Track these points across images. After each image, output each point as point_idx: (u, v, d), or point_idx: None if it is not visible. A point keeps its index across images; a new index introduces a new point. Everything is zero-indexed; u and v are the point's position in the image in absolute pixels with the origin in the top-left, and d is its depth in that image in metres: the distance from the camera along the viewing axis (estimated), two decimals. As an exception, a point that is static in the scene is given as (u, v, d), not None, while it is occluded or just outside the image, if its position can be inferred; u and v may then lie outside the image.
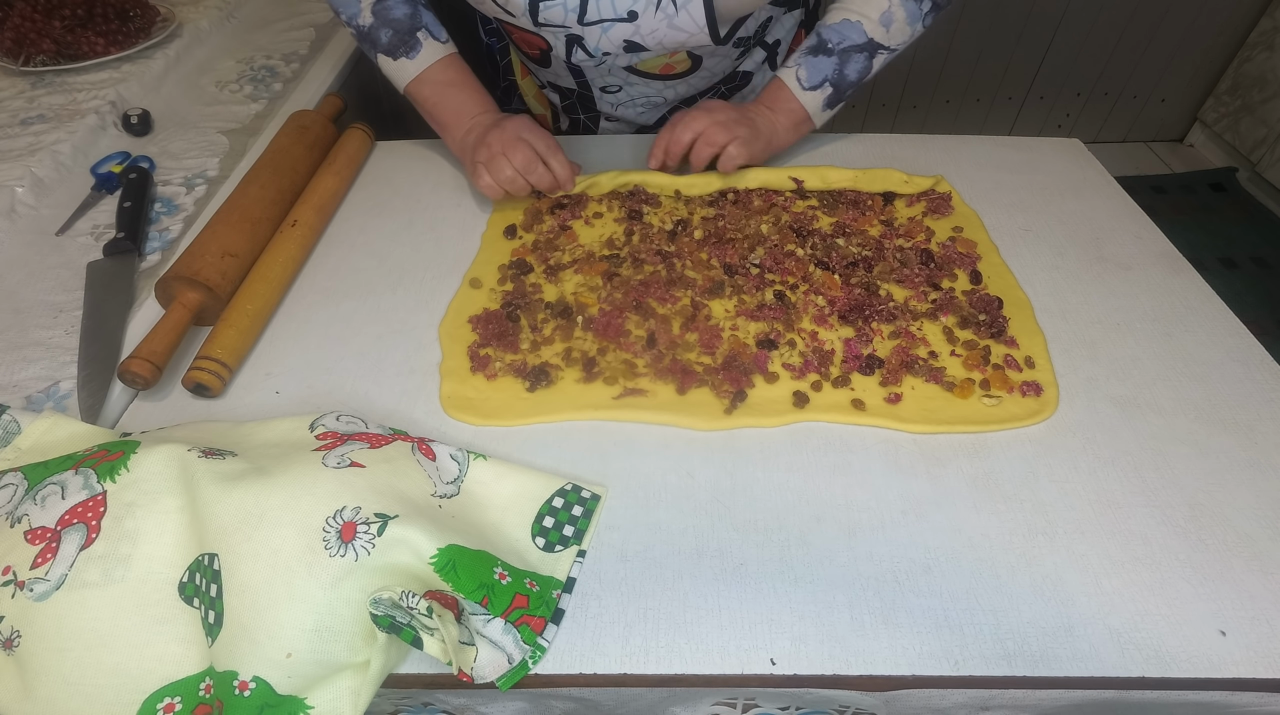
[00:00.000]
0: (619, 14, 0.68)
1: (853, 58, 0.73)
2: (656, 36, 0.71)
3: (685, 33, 0.70)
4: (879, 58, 0.74)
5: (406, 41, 0.74)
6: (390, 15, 0.74)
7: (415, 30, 0.74)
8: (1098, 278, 0.68)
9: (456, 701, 0.46)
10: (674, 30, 0.70)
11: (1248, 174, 2.24)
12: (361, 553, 0.42)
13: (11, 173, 0.79)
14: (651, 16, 0.68)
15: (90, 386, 0.58)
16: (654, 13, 0.68)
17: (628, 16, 0.69)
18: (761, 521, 0.50)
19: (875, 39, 0.72)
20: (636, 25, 0.69)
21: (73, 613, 0.41)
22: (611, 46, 0.73)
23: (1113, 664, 0.43)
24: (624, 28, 0.70)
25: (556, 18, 0.69)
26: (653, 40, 0.72)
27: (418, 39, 0.74)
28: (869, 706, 0.45)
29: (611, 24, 0.69)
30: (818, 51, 0.74)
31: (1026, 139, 0.87)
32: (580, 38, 0.72)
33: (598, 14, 0.69)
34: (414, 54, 0.74)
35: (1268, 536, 0.49)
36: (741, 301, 0.65)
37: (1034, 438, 0.55)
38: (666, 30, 0.70)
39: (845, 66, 0.73)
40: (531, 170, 0.70)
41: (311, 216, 0.72)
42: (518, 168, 0.70)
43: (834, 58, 0.73)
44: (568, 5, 0.68)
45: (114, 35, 0.98)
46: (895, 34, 0.72)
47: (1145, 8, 2.16)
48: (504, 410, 0.57)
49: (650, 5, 0.67)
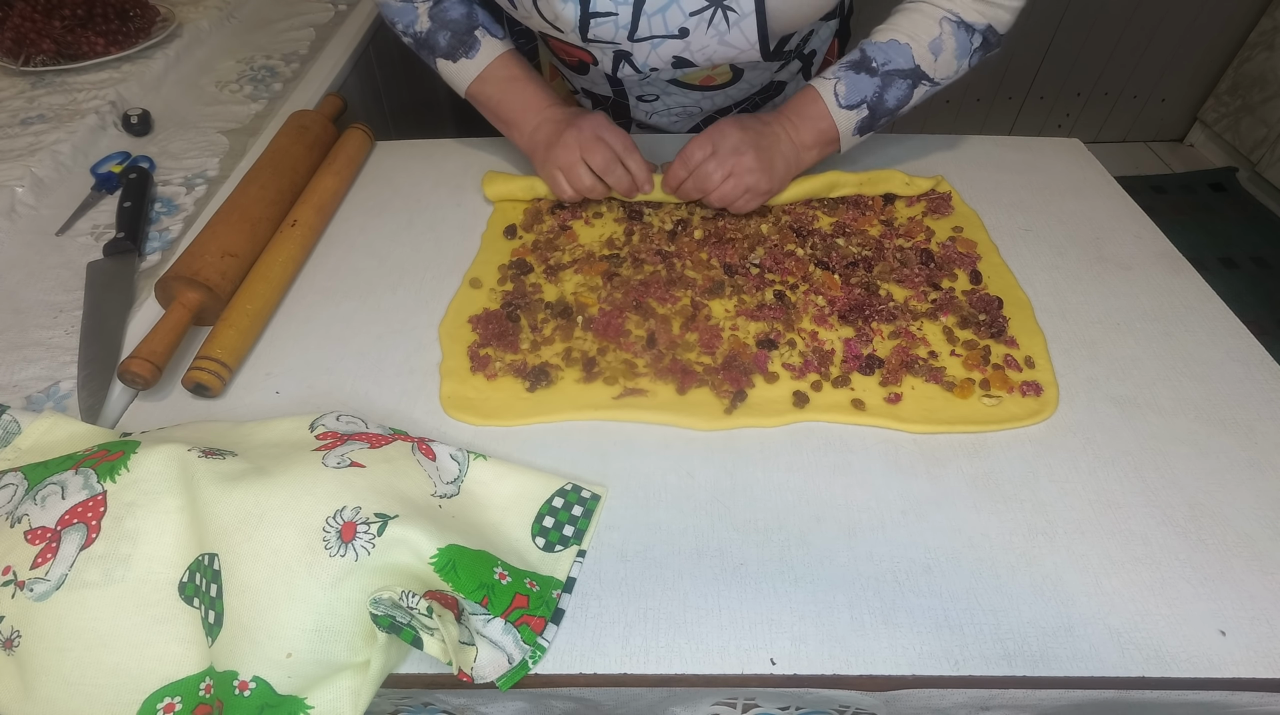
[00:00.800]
0: (670, 31, 0.66)
1: (895, 83, 0.69)
2: (706, 53, 0.69)
3: (736, 49, 0.68)
4: (921, 88, 0.70)
5: (465, 41, 0.73)
6: (447, 17, 0.73)
7: (473, 29, 0.73)
8: (1098, 278, 0.68)
9: (456, 701, 0.46)
10: (724, 46, 0.68)
11: (1248, 174, 2.24)
12: (361, 553, 0.42)
13: (11, 173, 0.79)
14: (703, 33, 0.66)
15: (90, 386, 0.58)
16: (706, 29, 0.66)
17: (679, 33, 0.67)
18: (761, 521, 0.50)
19: (922, 67, 0.68)
20: (687, 42, 0.67)
21: (73, 613, 0.41)
22: (660, 63, 0.71)
23: (1113, 664, 0.43)
24: (674, 44, 0.68)
25: (606, 34, 0.67)
26: (702, 56, 0.69)
27: (475, 38, 0.73)
28: (869, 706, 0.45)
29: (662, 40, 0.68)
30: (860, 68, 0.69)
31: (1026, 139, 0.87)
32: (629, 53, 0.70)
33: (649, 31, 0.67)
34: (473, 53, 0.73)
35: (1268, 536, 0.49)
36: (741, 301, 0.65)
37: (1034, 438, 0.55)
38: (717, 47, 0.68)
39: (886, 91, 0.69)
40: (610, 172, 0.69)
41: (311, 216, 0.72)
42: (596, 169, 0.69)
43: (877, 78, 0.69)
44: (618, 22, 0.66)
45: (114, 35, 0.98)
46: (942, 66, 0.69)
47: (1145, 8, 2.16)
48: (504, 410, 0.57)
49: (702, 22, 0.65)
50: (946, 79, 0.71)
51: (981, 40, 0.69)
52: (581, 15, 0.65)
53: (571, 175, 0.69)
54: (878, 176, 0.76)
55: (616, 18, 0.65)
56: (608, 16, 0.65)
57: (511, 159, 0.84)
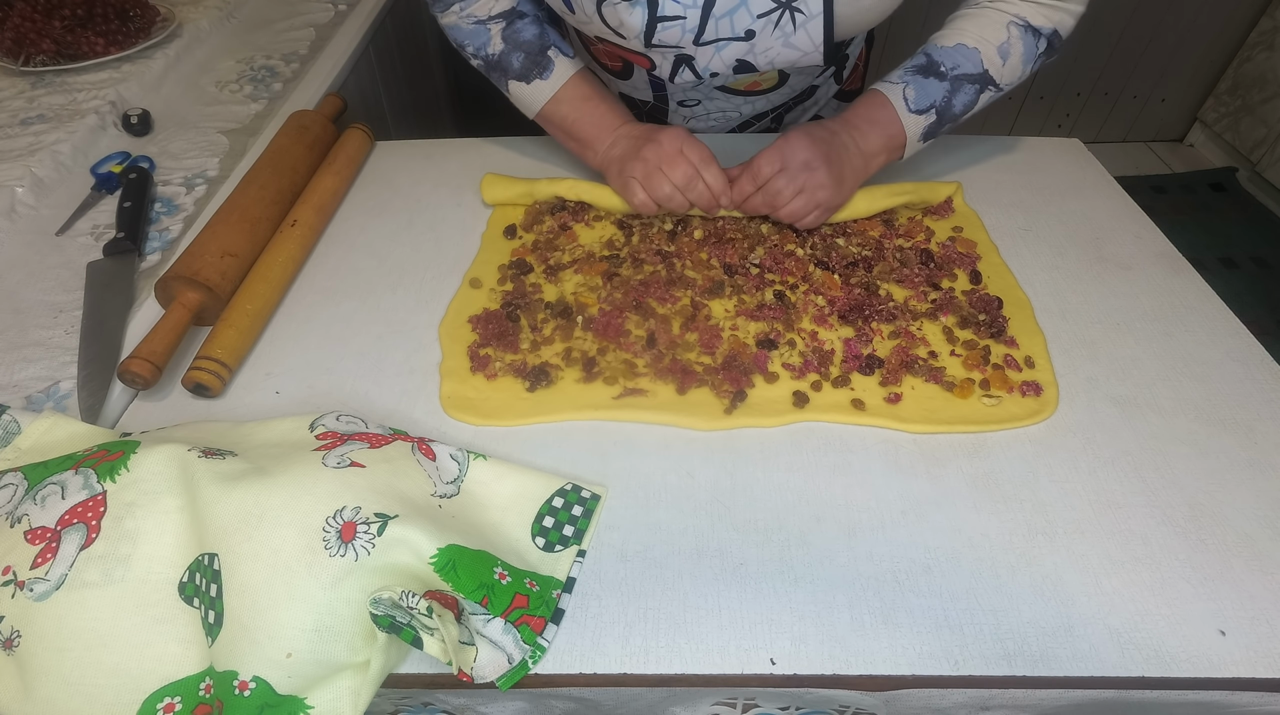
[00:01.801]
0: (736, 33, 0.65)
1: (964, 88, 0.68)
2: (769, 55, 0.67)
3: (799, 51, 0.67)
4: (987, 93, 0.69)
5: (539, 63, 0.72)
6: (520, 38, 0.72)
7: (545, 50, 0.72)
8: (1098, 278, 0.68)
9: (456, 701, 0.46)
10: (789, 49, 0.66)
11: (1248, 174, 2.24)
12: (361, 553, 0.42)
13: (11, 173, 0.79)
14: (769, 35, 0.65)
15: (90, 386, 0.58)
16: (772, 31, 0.65)
17: (745, 36, 0.65)
18: (761, 521, 0.50)
19: (990, 72, 0.68)
20: (752, 44, 0.66)
21: (73, 613, 0.41)
22: (722, 66, 0.69)
23: (1113, 664, 0.43)
24: (739, 47, 0.67)
25: (672, 39, 0.66)
26: (765, 59, 0.68)
27: (549, 58, 0.72)
28: (869, 706, 0.45)
29: (727, 43, 0.66)
30: (928, 73, 0.68)
31: (1026, 139, 0.87)
32: (691, 58, 0.69)
33: (715, 34, 0.65)
34: (547, 74, 0.72)
35: (1268, 536, 0.49)
36: (741, 301, 0.65)
37: (1034, 438, 0.55)
38: (781, 49, 0.67)
39: (955, 95, 0.68)
40: (691, 187, 0.67)
41: (311, 216, 0.72)
42: (677, 184, 0.67)
43: (946, 83, 0.68)
44: (685, 26, 0.65)
45: (114, 35, 0.98)
46: (1009, 71, 0.68)
47: (1145, 8, 2.16)
48: (504, 410, 0.57)
49: (769, 24, 0.64)
50: (1010, 84, 0.70)
51: (1046, 45, 0.68)
52: (649, 20, 0.64)
53: (650, 184, 0.67)
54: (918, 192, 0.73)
55: (684, 21, 0.64)
56: (675, 20, 0.64)
57: (511, 159, 0.84)
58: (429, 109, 1.48)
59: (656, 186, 0.67)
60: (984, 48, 0.67)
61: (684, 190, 0.67)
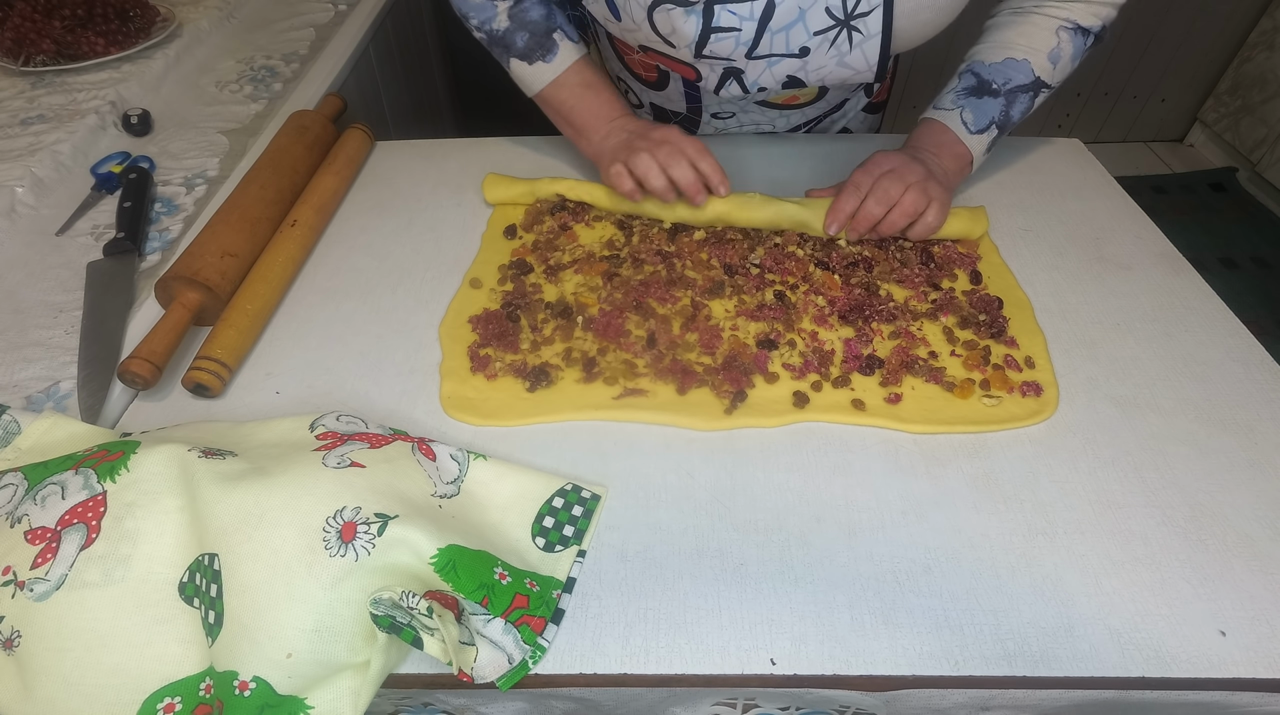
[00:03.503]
0: (791, 49, 0.64)
1: (1019, 98, 0.69)
2: (822, 73, 0.67)
3: (852, 70, 0.66)
4: (1042, 95, 0.70)
5: (543, 44, 0.71)
6: (527, 17, 0.71)
7: (551, 32, 0.71)
8: (1098, 278, 0.68)
9: (456, 701, 0.46)
10: (842, 68, 0.66)
11: (1248, 174, 2.24)
12: (361, 553, 0.42)
13: (11, 173, 0.79)
14: (824, 53, 0.65)
15: (90, 386, 0.58)
16: (827, 49, 0.64)
17: (799, 52, 0.65)
18: (761, 521, 0.50)
19: (1042, 78, 0.69)
20: (805, 62, 0.66)
21: (73, 613, 0.41)
22: (772, 82, 0.69)
23: (1113, 664, 0.43)
24: (791, 63, 0.66)
25: (724, 51, 0.65)
26: (816, 77, 0.67)
27: (554, 40, 0.71)
28: (869, 706, 0.45)
29: (780, 59, 0.66)
30: (981, 93, 0.69)
31: (1026, 139, 0.87)
32: (741, 71, 0.68)
33: (769, 49, 0.65)
34: (551, 57, 0.71)
35: (1268, 537, 0.49)
36: (741, 301, 0.65)
37: (1034, 438, 0.55)
38: (834, 68, 0.66)
39: (1011, 108, 0.69)
40: (674, 165, 0.65)
41: (311, 216, 0.72)
42: (661, 162, 0.65)
43: (1000, 99, 0.68)
44: (740, 39, 0.64)
45: (114, 35, 0.98)
46: (1060, 72, 0.69)
47: (1145, 8, 2.16)
48: (504, 410, 0.57)
49: (825, 42, 0.63)
50: (1061, 81, 0.71)
51: (1094, 39, 0.69)
52: (703, 30, 0.63)
53: (632, 160, 0.65)
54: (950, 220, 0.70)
55: (739, 34, 0.63)
56: (730, 32, 0.63)
57: (512, 159, 0.84)
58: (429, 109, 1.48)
59: (636, 162, 0.66)
60: (1034, 57, 0.68)
61: (666, 167, 0.65)
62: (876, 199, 0.66)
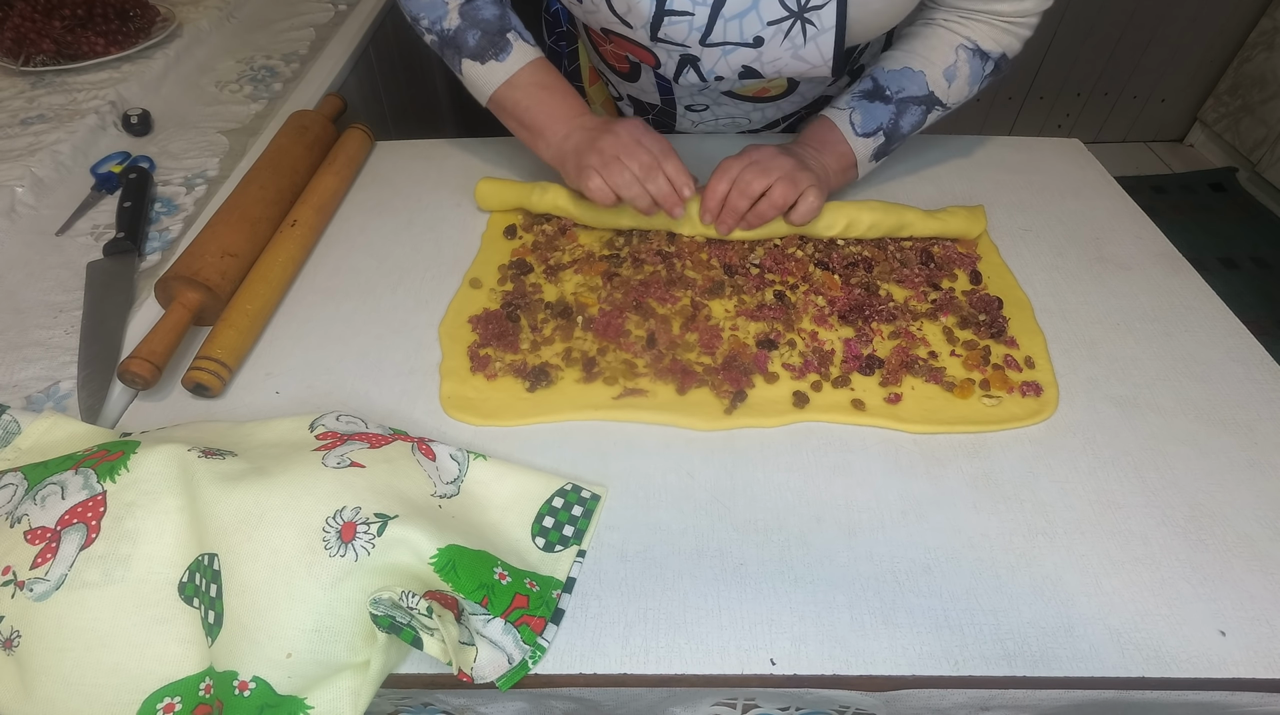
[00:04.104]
0: (745, 38, 0.64)
1: (910, 109, 0.69)
2: (777, 65, 0.66)
3: (807, 64, 0.66)
4: (934, 113, 0.70)
5: (496, 43, 0.69)
6: (479, 16, 0.69)
7: (505, 31, 0.69)
8: (1098, 278, 0.68)
9: (456, 701, 0.46)
10: (797, 60, 0.65)
11: (1248, 174, 2.24)
12: (361, 553, 0.42)
13: (11, 173, 0.79)
14: (778, 45, 0.64)
15: (90, 386, 0.58)
16: (781, 40, 0.64)
17: (753, 42, 0.64)
18: (761, 521, 0.50)
19: (936, 94, 0.68)
20: (760, 52, 0.65)
21: (72, 613, 0.41)
22: (727, 71, 0.68)
23: (1113, 664, 0.43)
24: (746, 53, 0.65)
25: (678, 35, 0.65)
26: (772, 69, 0.67)
27: (508, 40, 0.69)
28: (869, 706, 0.45)
29: (735, 48, 0.65)
30: (874, 97, 0.69)
31: (1026, 139, 0.87)
32: (696, 59, 0.68)
33: (723, 36, 0.64)
34: (504, 56, 0.69)
35: (1268, 537, 0.49)
36: (741, 301, 0.65)
37: (1034, 438, 0.55)
38: (789, 60, 0.65)
39: (901, 117, 0.69)
40: (651, 177, 0.64)
41: (311, 216, 0.72)
42: (636, 173, 0.64)
43: (891, 106, 0.68)
44: (693, 24, 0.63)
45: (114, 35, 0.98)
46: (955, 92, 0.69)
47: (1145, 8, 2.16)
48: (504, 410, 0.57)
49: (779, 33, 0.63)
50: (957, 104, 0.71)
51: (994, 68, 0.69)
52: (656, 11, 0.63)
53: (608, 171, 0.64)
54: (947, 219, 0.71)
55: (692, 18, 0.63)
56: (683, 16, 0.63)
57: (511, 161, 0.84)
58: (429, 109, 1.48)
59: (615, 174, 0.64)
60: (930, 70, 0.68)
61: (643, 179, 0.64)
62: (738, 190, 0.65)
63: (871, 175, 0.80)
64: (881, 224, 0.69)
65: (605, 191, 0.65)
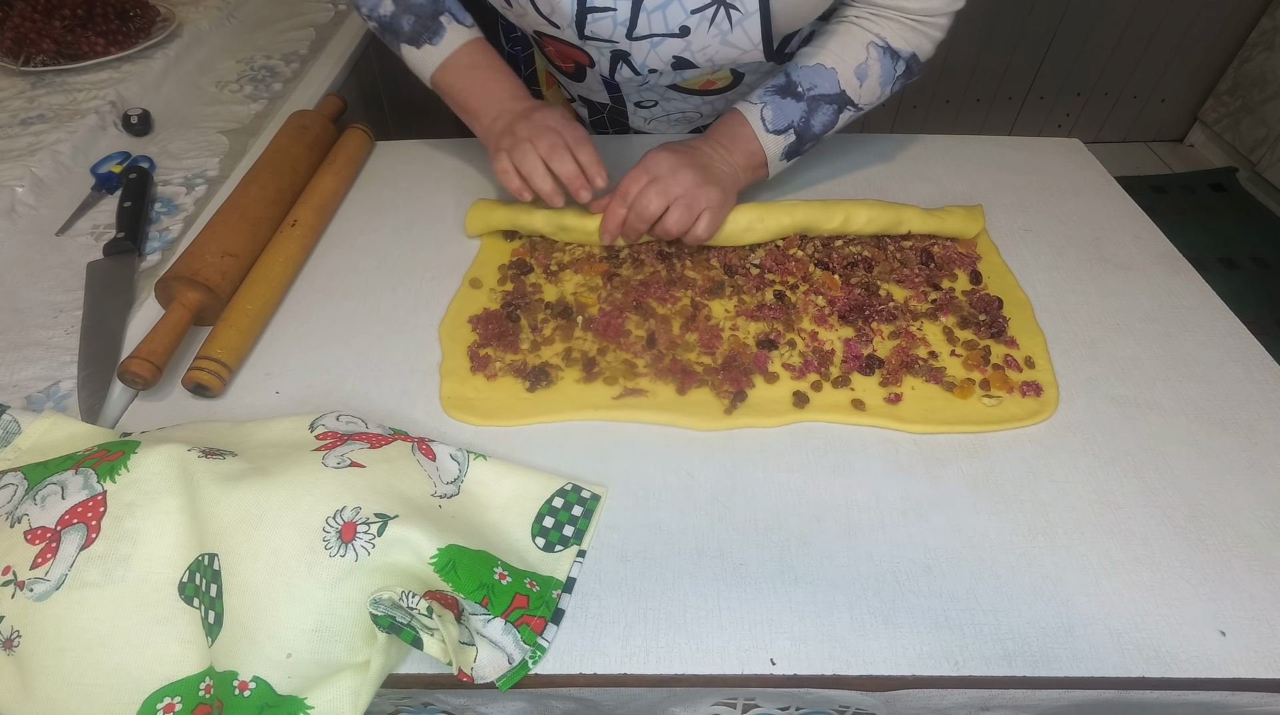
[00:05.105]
0: (670, 29, 0.64)
1: (821, 108, 0.67)
2: (708, 53, 0.66)
3: (738, 49, 0.66)
4: (846, 113, 0.69)
5: (429, 27, 0.70)
6: (412, 1, 0.70)
7: (438, 15, 0.70)
8: (1098, 278, 0.68)
9: (456, 701, 0.46)
10: (727, 46, 0.65)
11: (1248, 174, 2.24)
12: (361, 553, 0.42)
13: (11, 173, 0.79)
14: (705, 32, 0.64)
15: (90, 386, 0.58)
16: (707, 28, 0.64)
17: (679, 32, 0.64)
18: (761, 521, 0.50)
19: (847, 92, 0.67)
20: (688, 41, 0.65)
21: (72, 613, 0.41)
22: (660, 63, 0.68)
23: (1113, 664, 0.43)
24: (675, 43, 0.66)
25: (604, 31, 0.65)
26: (703, 57, 0.67)
27: (440, 24, 0.70)
28: (869, 706, 0.45)
29: (662, 39, 0.65)
30: (786, 93, 0.67)
31: (1026, 139, 0.87)
32: (627, 53, 0.68)
33: (648, 28, 0.64)
34: (437, 39, 0.70)
35: (1268, 537, 0.49)
36: (741, 301, 0.65)
37: (1034, 438, 0.55)
38: (719, 46, 0.66)
39: (812, 116, 0.67)
40: (555, 157, 0.63)
41: (311, 216, 0.72)
42: (541, 154, 0.63)
43: (803, 103, 0.67)
44: (617, 19, 0.64)
45: (114, 35, 0.98)
46: (866, 92, 0.68)
47: (1145, 8, 2.16)
48: (504, 410, 0.57)
49: (704, 20, 0.63)
50: (870, 104, 0.70)
51: (905, 68, 0.68)
52: (578, 9, 0.63)
53: (515, 152, 0.64)
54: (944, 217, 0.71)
55: (615, 13, 0.64)
56: (605, 11, 0.63)
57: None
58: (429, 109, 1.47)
59: (522, 155, 0.64)
60: (841, 68, 0.67)
61: (548, 159, 0.63)
62: (637, 214, 0.64)
63: (870, 174, 0.80)
64: (879, 219, 0.69)
65: (511, 175, 0.64)
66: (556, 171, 0.64)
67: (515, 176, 0.65)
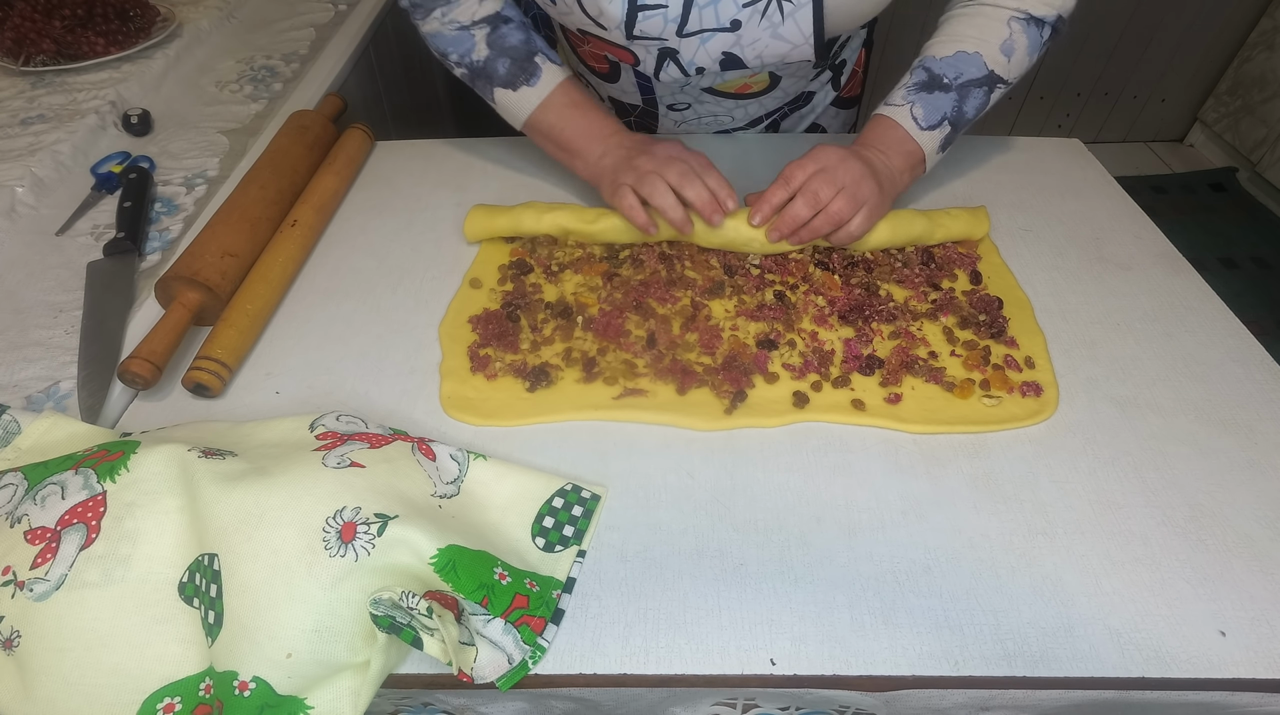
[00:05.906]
0: (721, 23, 0.64)
1: (972, 93, 0.66)
2: (757, 48, 0.66)
3: (788, 44, 0.65)
4: (997, 91, 0.67)
5: (526, 69, 0.69)
6: (506, 43, 0.69)
7: (533, 55, 0.70)
8: (1098, 278, 0.68)
9: (456, 701, 0.46)
10: (777, 40, 0.65)
11: (1248, 174, 2.24)
12: (361, 553, 0.42)
13: (11, 173, 0.79)
14: (755, 25, 0.64)
15: (90, 386, 0.58)
16: (759, 21, 0.63)
17: (730, 26, 0.64)
18: (761, 521, 0.50)
19: (996, 71, 0.65)
20: (738, 35, 0.65)
21: (72, 613, 0.41)
22: (708, 60, 0.67)
23: (1113, 664, 0.43)
24: (725, 38, 0.65)
25: (654, 29, 0.64)
26: (752, 53, 0.66)
27: (536, 64, 0.70)
28: (869, 707, 0.45)
29: (712, 34, 0.64)
30: (932, 87, 0.66)
31: (1026, 139, 0.87)
32: (675, 51, 0.67)
33: (699, 24, 0.64)
34: (534, 80, 0.69)
35: (1268, 537, 0.49)
36: (741, 301, 0.65)
37: (1034, 438, 0.55)
38: (769, 40, 0.65)
39: (964, 103, 0.66)
40: (688, 185, 0.62)
41: (311, 216, 0.72)
42: (672, 182, 0.62)
43: (952, 93, 0.65)
44: (668, 15, 0.63)
45: (114, 35, 0.98)
46: (1015, 65, 0.66)
47: (1145, 8, 2.16)
48: (504, 410, 0.57)
49: (755, 14, 0.63)
50: (1019, 77, 0.68)
51: (1051, 31, 0.67)
52: (629, 9, 0.63)
53: (643, 185, 0.63)
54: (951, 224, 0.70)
55: (666, 10, 0.63)
56: (656, 10, 0.63)
57: (511, 161, 0.84)
58: (429, 109, 1.47)
59: (648, 185, 0.63)
60: (985, 49, 0.65)
61: (679, 187, 0.63)
62: (805, 200, 0.62)
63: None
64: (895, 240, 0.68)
65: (638, 210, 0.64)
66: (689, 198, 0.63)
67: (642, 211, 0.64)
